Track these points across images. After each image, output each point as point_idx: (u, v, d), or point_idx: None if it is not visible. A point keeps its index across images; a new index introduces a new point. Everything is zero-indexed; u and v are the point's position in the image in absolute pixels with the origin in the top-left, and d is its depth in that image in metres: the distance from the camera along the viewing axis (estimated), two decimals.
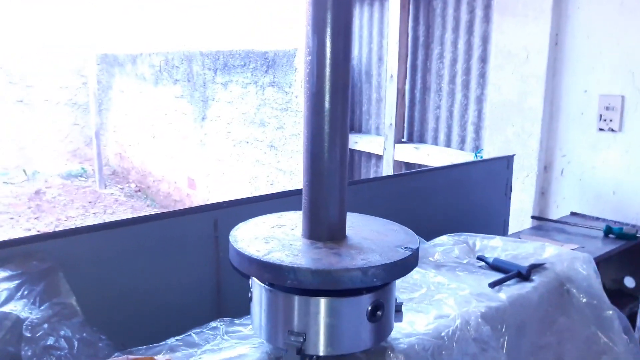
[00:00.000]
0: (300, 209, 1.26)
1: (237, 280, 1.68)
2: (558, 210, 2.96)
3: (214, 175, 6.22)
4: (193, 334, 1.23)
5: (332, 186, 1.15)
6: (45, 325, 1.10)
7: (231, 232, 1.21)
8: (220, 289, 1.66)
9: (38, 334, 1.08)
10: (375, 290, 1.11)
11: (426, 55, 4.08)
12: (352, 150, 4.62)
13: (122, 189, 8.64)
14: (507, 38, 3.06)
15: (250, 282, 1.20)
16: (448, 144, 4.02)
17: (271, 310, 1.12)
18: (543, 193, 3.07)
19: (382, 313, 1.12)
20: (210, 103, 6.02)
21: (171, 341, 1.20)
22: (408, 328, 1.30)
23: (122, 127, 8.63)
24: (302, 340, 1.07)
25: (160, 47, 6.95)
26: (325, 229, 1.16)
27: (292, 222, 1.30)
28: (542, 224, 2.60)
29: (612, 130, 2.72)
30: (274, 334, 1.13)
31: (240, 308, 1.42)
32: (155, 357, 1.13)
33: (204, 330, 1.26)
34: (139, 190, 8.42)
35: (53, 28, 9.35)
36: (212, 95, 5.95)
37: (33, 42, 9.20)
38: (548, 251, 1.77)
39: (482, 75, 3.76)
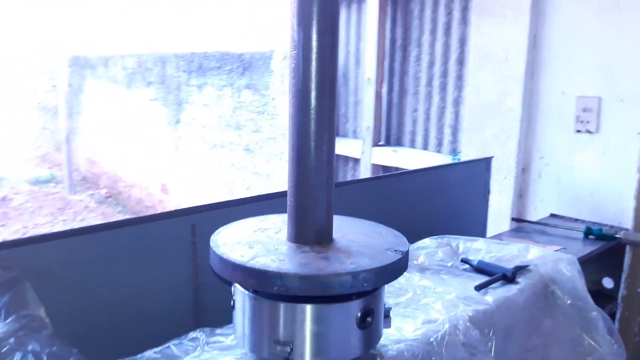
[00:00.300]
0: (282, 212, 1.21)
1: (216, 288, 1.61)
2: (536, 212, 2.96)
3: (188, 181, 6.10)
4: (172, 346, 1.16)
5: (319, 187, 1.09)
6: (12, 340, 1.02)
7: (212, 237, 1.15)
8: (198, 298, 1.59)
9: (4, 349, 1.00)
10: (365, 295, 1.06)
11: (404, 58, 4.06)
12: None
13: (93, 195, 8.44)
14: (486, 39, 3.06)
15: (232, 290, 1.14)
16: (425, 147, 4.01)
17: (255, 319, 1.06)
18: (521, 195, 3.07)
19: (372, 319, 1.07)
20: (184, 106, 5.91)
21: (149, 354, 1.13)
22: (396, 334, 1.26)
23: (93, 131, 8.43)
24: (289, 350, 1.01)
25: (133, 48, 6.81)
26: (311, 232, 1.11)
27: (276, 225, 1.24)
28: (523, 226, 2.59)
29: (589, 131, 2.74)
30: (258, 344, 1.07)
31: (219, 317, 1.36)
32: None
33: (183, 341, 1.19)
34: (110, 197, 8.23)
35: (22, 29, 9.09)
36: (186, 98, 5.85)
37: (0, 44, 8.94)
38: (532, 253, 1.75)
39: (460, 77, 3.76)
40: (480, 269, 1.69)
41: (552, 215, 2.68)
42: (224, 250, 1.06)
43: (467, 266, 1.72)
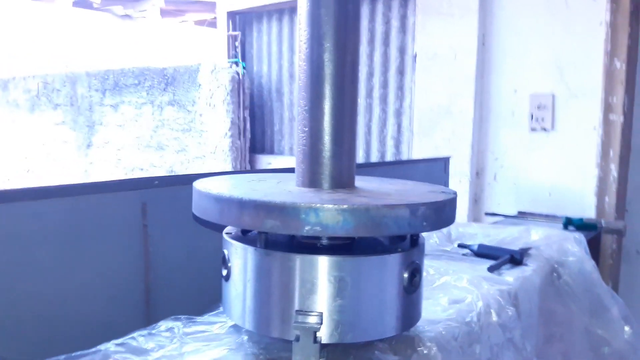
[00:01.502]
0: None
1: (170, 281, 1.28)
2: (493, 217, 2.84)
3: None
4: (137, 337, 0.82)
5: (343, 110, 0.83)
6: None
7: (194, 185, 0.84)
8: (149, 293, 1.24)
9: None
10: (408, 249, 0.80)
11: None
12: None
13: None
14: (433, 39, 2.96)
15: (225, 254, 0.83)
16: (367, 160, 3.84)
17: (266, 284, 0.76)
18: (476, 200, 2.94)
19: (419, 281, 0.80)
20: (97, 128, 5.40)
21: (107, 346, 0.78)
22: (424, 313, 0.99)
23: None
24: (319, 321, 0.71)
25: (38, 69, 6.21)
26: (333, 172, 0.83)
27: (271, 178, 0.95)
28: (500, 220, 2.44)
29: (545, 129, 2.67)
30: (267, 320, 0.76)
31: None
32: None
33: (152, 331, 0.85)
34: None
35: None
36: (99, 119, 5.35)
37: None
38: (535, 234, 1.57)
39: (401, 87, 3.66)
40: (482, 253, 1.48)
41: (520, 213, 2.55)
42: (221, 191, 0.75)
43: (466, 251, 1.50)
